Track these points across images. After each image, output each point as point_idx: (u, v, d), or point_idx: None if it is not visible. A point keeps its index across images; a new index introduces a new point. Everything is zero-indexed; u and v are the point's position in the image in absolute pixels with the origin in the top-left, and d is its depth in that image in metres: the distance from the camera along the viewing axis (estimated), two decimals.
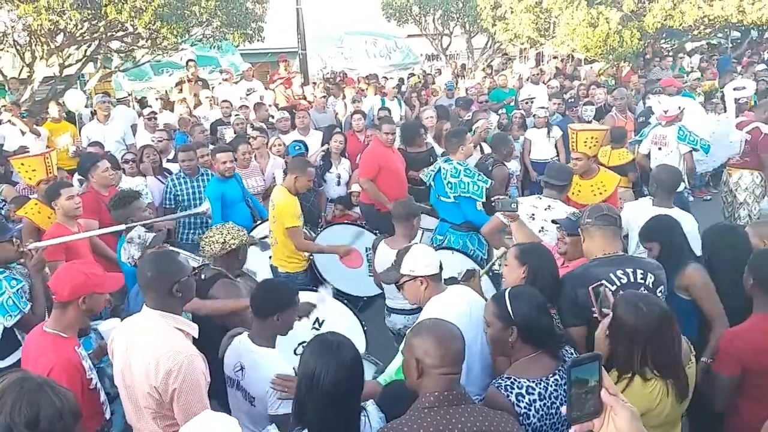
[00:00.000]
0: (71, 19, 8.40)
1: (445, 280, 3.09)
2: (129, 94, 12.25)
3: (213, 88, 11.06)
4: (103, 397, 2.77)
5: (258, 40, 11.14)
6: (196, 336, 2.66)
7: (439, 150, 6.92)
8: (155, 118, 8.37)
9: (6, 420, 2.04)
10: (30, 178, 5.13)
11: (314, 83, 12.35)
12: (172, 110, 9.72)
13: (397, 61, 15.97)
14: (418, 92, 11.07)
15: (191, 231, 5.70)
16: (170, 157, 6.80)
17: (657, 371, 2.31)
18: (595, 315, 2.57)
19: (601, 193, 4.88)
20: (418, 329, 2.17)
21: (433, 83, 12.45)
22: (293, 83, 11.65)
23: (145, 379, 2.47)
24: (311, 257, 4.91)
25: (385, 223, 5.64)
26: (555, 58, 15.88)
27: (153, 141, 7.01)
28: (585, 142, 5.03)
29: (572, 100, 9.57)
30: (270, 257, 4.94)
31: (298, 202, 4.82)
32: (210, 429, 1.87)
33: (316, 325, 3.98)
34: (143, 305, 2.64)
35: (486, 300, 2.87)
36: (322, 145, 7.37)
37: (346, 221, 6.12)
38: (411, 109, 10.23)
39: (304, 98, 10.86)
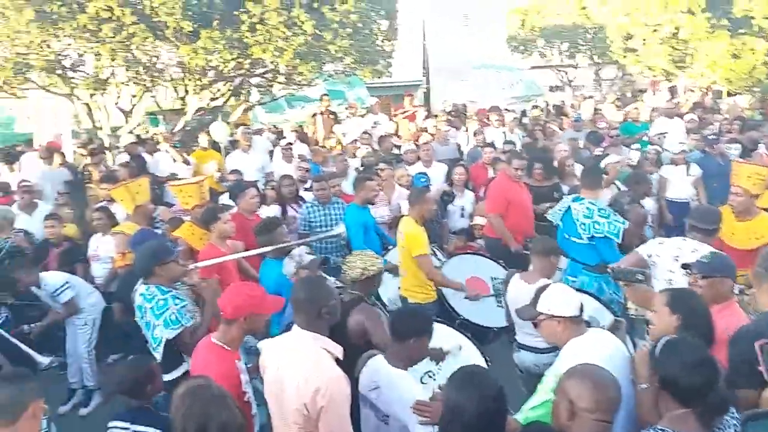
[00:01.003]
0: (222, 59, 9.27)
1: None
2: (264, 125, 13.21)
3: (342, 121, 11.65)
4: (254, 410, 2.99)
5: (386, 76, 11.61)
6: (341, 357, 2.81)
7: (564, 187, 6.79)
8: (291, 149, 8.98)
9: (180, 424, 2.29)
10: (186, 203, 5.68)
11: (436, 115, 12.59)
12: (304, 141, 10.36)
13: (519, 93, 15.88)
14: (543, 124, 10.91)
15: (325, 255, 5.98)
16: (307, 186, 7.24)
17: None
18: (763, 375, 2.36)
19: (758, 239, 4.49)
20: (574, 371, 2.15)
21: (565, 116, 12.20)
22: (417, 116, 11.98)
23: (295, 396, 2.64)
24: (439, 287, 4.98)
25: (510, 258, 5.62)
26: (691, 91, 14.96)
27: (298, 171, 7.50)
28: (749, 177, 4.66)
29: (713, 136, 8.97)
30: (399, 288, 5.08)
31: (425, 232, 4.95)
32: None
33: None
34: (293, 324, 2.85)
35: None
36: (447, 178, 7.50)
37: (469, 251, 6.12)
38: (534, 142, 10.11)
39: (425, 130, 11.10)
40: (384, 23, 11.51)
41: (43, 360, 4.34)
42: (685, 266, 3.35)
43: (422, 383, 3.73)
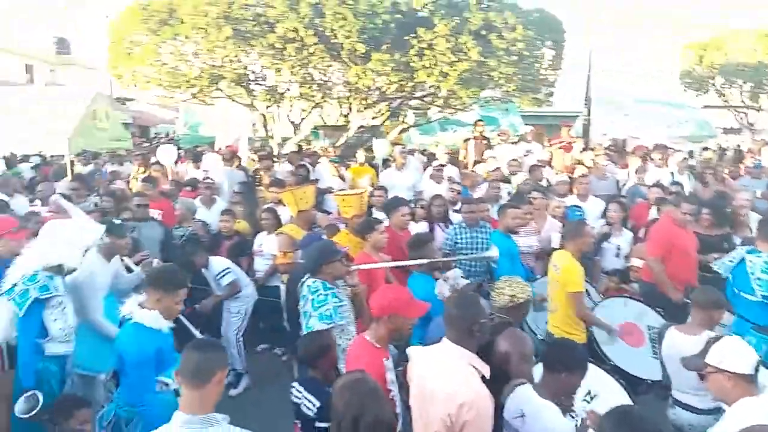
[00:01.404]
0: (388, 80, 9.78)
1: None
2: (416, 147, 13.61)
3: (494, 147, 11.64)
4: (399, 409, 3.12)
5: (547, 105, 11.47)
6: (487, 377, 2.85)
7: (736, 238, 6.20)
8: (442, 170, 9.15)
9: (339, 414, 2.47)
10: (346, 212, 6.04)
11: (593, 148, 12.11)
12: (454, 164, 10.50)
13: (688, 132, 14.74)
14: (715, 168, 10.05)
15: (468, 278, 6.02)
16: (456, 207, 7.33)
17: None
18: None
19: None
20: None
21: (742, 161, 11.18)
22: (573, 148, 11.60)
23: (441, 406, 2.71)
24: (591, 329, 4.79)
25: (667, 306, 5.25)
26: None
27: (450, 193, 7.65)
28: None
29: None
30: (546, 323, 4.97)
31: (581, 268, 4.79)
32: None
33: (588, 398, 3.89)
34: (443, 337, 2.94)
35: None
36: (603, 214, 7.18)
37: (625, 295, 5.80)
38: (704, 186, 9.34)
39: (581, 163, 10.71)
40: (550, 53, 11.39)
41: None
42: None
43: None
